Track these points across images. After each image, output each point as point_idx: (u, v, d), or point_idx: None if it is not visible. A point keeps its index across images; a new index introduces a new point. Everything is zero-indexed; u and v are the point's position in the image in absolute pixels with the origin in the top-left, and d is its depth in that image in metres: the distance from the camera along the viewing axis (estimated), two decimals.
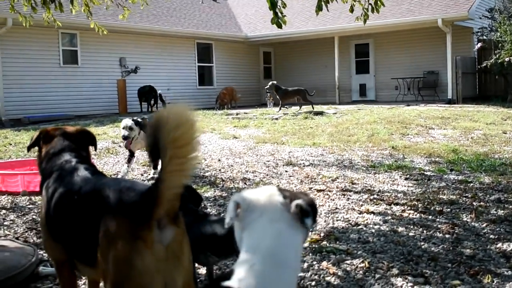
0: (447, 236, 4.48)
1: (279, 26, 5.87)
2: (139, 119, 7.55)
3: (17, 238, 4.60)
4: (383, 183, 6.69)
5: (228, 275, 1.63)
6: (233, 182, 7.01)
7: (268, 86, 19.11)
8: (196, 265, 3.57)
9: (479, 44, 20.93)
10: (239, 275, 1.59)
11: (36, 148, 3.08)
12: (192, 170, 2.06)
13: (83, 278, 3.48)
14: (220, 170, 7.89)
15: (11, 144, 10.98)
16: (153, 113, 2.56)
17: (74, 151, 2.92)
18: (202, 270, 3.73)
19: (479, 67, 21.11)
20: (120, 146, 10.40)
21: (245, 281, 1.57)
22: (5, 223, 5.27)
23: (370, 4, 7.13)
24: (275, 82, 18.87)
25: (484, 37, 21.35)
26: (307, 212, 1.68)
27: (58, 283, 3.61)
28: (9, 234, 4.86)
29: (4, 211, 5.72)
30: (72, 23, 16.81)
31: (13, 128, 14.87)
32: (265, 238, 1.65)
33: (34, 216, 5.41)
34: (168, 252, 2.12)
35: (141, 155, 8.60)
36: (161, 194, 2.05)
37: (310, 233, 1.85)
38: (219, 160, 8.72)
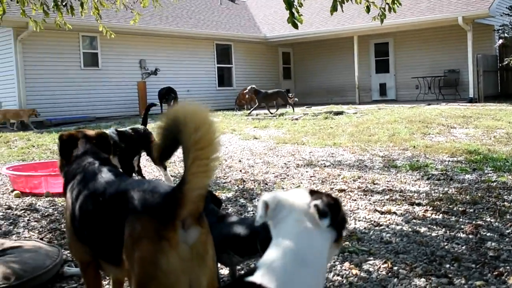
0: (470, 236, 4.45)
1: (295, 26, 5.85)
2: (128, 129, 6.83)
3: (41, 239, 4.66)
4: (405, 183, 6.65)
5: (251, 272, 1.65)
6: (254, 182, 7.02)
7: (247, 90, 18.89)
8: (219, 265, 3.59)
9: (500, 41, 20.73)
10: (262, 271, 1.62)
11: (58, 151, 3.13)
12: (214, 171, 2.08)
13: (107, 278, 3.51)
14: (241, 170, 7.90)
15: (34, 146, 11.10)
16: (164, 113, 2.53)
17: (96, 153, 2.97)
18: (225, 271, 3.74)
19: (500, 65, 20.92)
20: None
21: (267, 277, 1.59)
22: (31, 224, 5.33)
23: (387, 3, 7.10)
24: (254, 86, 18.68)
25: (506, 35, 21.13)
26: (324, 213, 1.69)
27: (83, 283, 3.66)
28: (33, 235, 4.92)
29: (28, 212, 5.79)
30: (92, 26, 16.88)
31: (36, 130, 15.03)
32: (290, 236, 1.68)
33: (57, 217, 5.46)
34: (192, 252, 2.14)
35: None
36: (185, 195, 2.07)
37: (342, 236, 1.84)
38: (240, 161, 8.73)
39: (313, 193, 1.80)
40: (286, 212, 1.74)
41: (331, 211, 1.71)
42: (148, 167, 8.33)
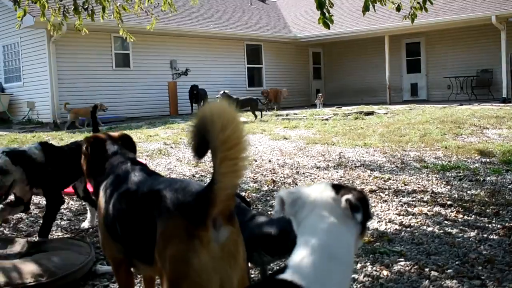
0: (503, 238, 4.39)
1: (326, 26, 5.84)
2: (29, 149, 4.48)
3: (73, 237, 4.72)
4: (436, 184, 6.58)
5: (282, 270, 1.67)
6: (284, 183, 7.02)
7: (218, 96, 18.62)
8: (249, 264, 3.60)
9: None
10: (293, 269, 1.64)
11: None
12: (244, 170, 2.08)
13: (138, 276, 3.55)
14: (270, 171, 7.90)
15: None
16: (192, 114, 2.53)
17: (125, 153, 3.03)
18: (255, 270, 3.75)
19: None
20: (171, 147, 10.55)
21: (298, 274, 1.60)
22: (62, 222, 5.42)
23: (419, 2, 7.03)
24: (226, 91, 18.37)
25: None
26: (357, 207, 1.70)
27: (115, 281, 3.71)
28: (66, 233, 5.00)
29: (61, 210, 5.88)
30: (123, 27, 17.12)
31: (68, 130, 15.25)
32: (316, 233, 1.68)
33: (89, 216, 5.53)
34: (223, 251, 2.16)
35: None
36: (215, 195, 2.08)
37: (367, 229, 1.85)
38: (270, 161, 8.74)
39: (337, 187, 1.80)
40: (309, 209, 1.75)
41: (362, 205, 1.72)
42: (178, 167, 8.39)
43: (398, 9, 6.98)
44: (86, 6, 7.88)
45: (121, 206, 2.63)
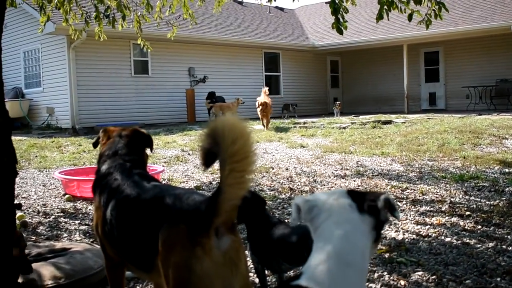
0: None
1: (340, 32, 5.86)
2: None
3: (92, 242, 4.76)
4: (455, 194, 6.54)
5: (298, 276, 1.69)
6: (301, 191, 7.02)
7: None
8: (267, 272, 3.61)
9: None
10: (308, 275, 1.65)
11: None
12: (250, 183, 2.14)
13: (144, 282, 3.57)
14: (288, 178, 7.91)
15: (85, 151, 11.36)
16: (205, 125, 2.50)
17: (127, 154, 2.98)
18: (271, 278, 3.75)
19: None
20: (189, 154, 10.59)
21: (313, 280, 1.61)
22: (81, 227, 5.46)
23: (434, 10, 7.00)
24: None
25: None
26: (394, 206, 1.73)
27: (132, 286, 3.73)
28: (84, 238, 5.04)
29: (80, 215, 5.93)
30: (142, 36, 17.25)
31: (87, 136, 15.38)
32: (332, 239, 1.70)
33: None
34: (225, 258, 2.21)
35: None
36: (220, 205, 2.13)
37: (381, 235, 1.86)
38: (287, 169, 8.74)
39: (351, 193, 1.81)
40: (325, 216, 1.76)
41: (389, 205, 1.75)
42: (196, 174, 8.42)
43: (410, 18, 6.93)
44: (108, 13, 7.96)
45: (121, 212, 2.64)
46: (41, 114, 19.50)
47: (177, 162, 9.70)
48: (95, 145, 3.31)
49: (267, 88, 17.68)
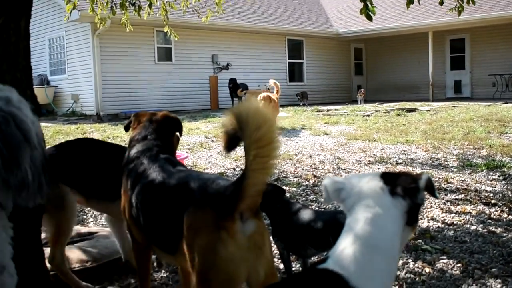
0: None
1: (369, 18, 5.77)
2: None
3: None
4: (480, 182, 6.47)
5: (324, 260, 1.69)
6: (325, 178, 6.99)
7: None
8: (292, 257, 3.62)
9: None
10: (334, 259, 1.65)
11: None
12: (274, 168, 2.17)
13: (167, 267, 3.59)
14: (311, 166, 7.89)
15: (109, 138, 11.44)
16: (228, 110, 2.50)
17: (156, 139, 3.00)
18: (295, 264, 3.76)
19: None
20: (212, 141, 10.62)
21: (339, 264, 1.60)
22: None
23: None
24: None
25: None
26: (434, 186, 1.74)
27: (158, 270, 3.77)
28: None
29: None
30: (169, 24, 17.29)
31: (111, 123, 15.50)
32: (359, 223, 1.68)
33: None
34: (250, 242, 2.22)
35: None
36: (244, 190, 2.15)
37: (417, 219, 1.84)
38: (310, 156, 8.73)
39: (384, 176, 1.79)
40: (355, 198, 1.76)
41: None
42: (219, 160, 8.44)
43: (441, 2, 6.82)
44: (133, 2, 7.98)
45: (148, 197, 2.66)
46: (66, 101, 19.70)
47: (200, 148, 9.73)
48: (126, 128, 3.34)
49: (274, 81, 17.30)
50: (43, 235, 3.30)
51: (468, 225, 4.73)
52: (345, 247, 1.65)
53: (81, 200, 3.67)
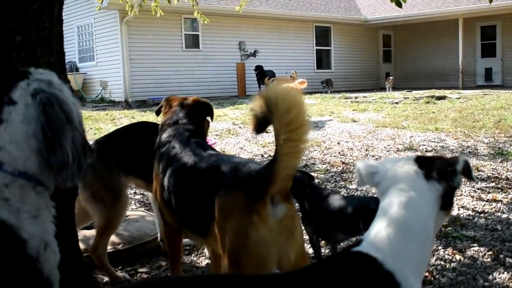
0: None
1: (399, 5, 5.71)
2: None
3: (148, 210, 4.86)
4: (511, 171, 6.39)
5: (358, 243, 1.69)
6: (353, 165, 6.97)
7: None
8: (322, 242, 3.62)
9: None
10: (368, 242, 1.64)
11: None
12: (304, 152, 2.16)
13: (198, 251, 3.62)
14: (339, 153, 7.87)
15: None
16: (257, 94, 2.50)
17: (187, 123, 3.00)
18: (325, 249, 3.76)
19: None
20: (240, 127, 10.64)
21: (373, 247, 1.60)
22: (136, 196, 5.57)
23: None
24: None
25: None
26: (471, 169, 1.73)
27: (187, 254, 3.81)
28: (140, 207, 5.15)
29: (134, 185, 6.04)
30: (198, 9, 17.30)
31: (139, 109, 15.61)
32: (393, 206, 1.67)
33: None
34: (281, 225, 2.23)
35: (261, 136, 8.68)
36: (275, 173, 2.15)
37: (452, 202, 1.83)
38: (339, 143, 8.69)
39: (419, 160, 1.78)
40: (389, 182, 1.74)
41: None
42: (247, 146, 8.46)
43: None
44: None
45: (179, 180, 2.67)
46: (94, 87, 19.88)
47: (228, 135, 9.76)
48: (157, 113, 3.36)
49: (294, 71, 16.87)
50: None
51: (499, 213, 4.68)
52: (379, 230, 1.65)
53: (142, 184, 3.73)
